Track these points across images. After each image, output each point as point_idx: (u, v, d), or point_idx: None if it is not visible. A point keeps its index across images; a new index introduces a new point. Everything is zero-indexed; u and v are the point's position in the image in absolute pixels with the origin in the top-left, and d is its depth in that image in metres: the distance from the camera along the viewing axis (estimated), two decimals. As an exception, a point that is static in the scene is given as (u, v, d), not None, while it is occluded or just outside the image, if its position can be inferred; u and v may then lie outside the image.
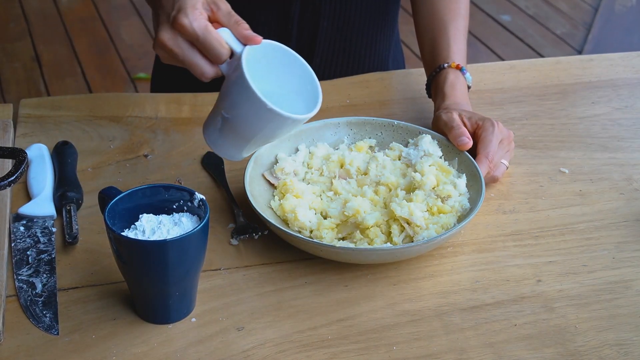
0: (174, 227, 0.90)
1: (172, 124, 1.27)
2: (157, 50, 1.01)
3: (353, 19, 1.40)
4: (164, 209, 0.93)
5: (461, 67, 1.24)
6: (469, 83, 1.25)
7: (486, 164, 1.11)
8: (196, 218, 0.92)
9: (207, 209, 0.91)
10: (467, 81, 1.25)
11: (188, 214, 0.93)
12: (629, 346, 0.91)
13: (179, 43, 0.98)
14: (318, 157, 1.14)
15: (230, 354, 0.89)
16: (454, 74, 1.23)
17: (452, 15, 1.29)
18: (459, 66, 1.24)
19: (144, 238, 0.89)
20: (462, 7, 1.31)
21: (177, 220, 0.92)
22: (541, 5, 4.24)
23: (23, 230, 1.04)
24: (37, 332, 0.91)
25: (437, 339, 0.91)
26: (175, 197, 0.94)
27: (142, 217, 0.91)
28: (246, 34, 0.98)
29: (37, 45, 3.71)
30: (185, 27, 0.96)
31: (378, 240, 1.01)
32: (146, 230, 0.90)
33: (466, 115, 1.16)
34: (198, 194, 0.92)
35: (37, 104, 1.31)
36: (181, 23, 0.96)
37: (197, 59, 0.99)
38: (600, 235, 1.07)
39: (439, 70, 1.25)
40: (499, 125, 1.15)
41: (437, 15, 1.30)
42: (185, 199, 0.93)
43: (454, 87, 1.22)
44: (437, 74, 1.25)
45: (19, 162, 0.95)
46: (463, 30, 1.30)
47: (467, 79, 1.25)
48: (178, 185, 0.94)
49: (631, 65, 1.47)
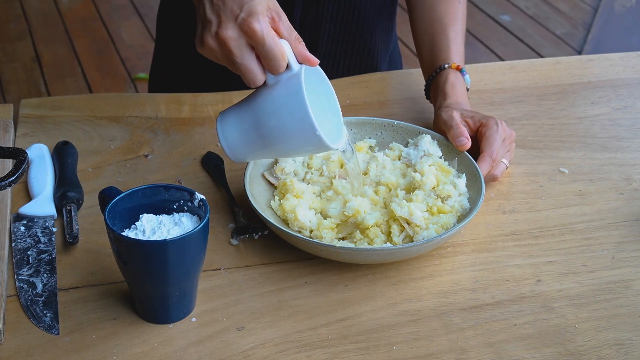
0: (174, 227, 0.91)
1: (172, 124, 1.27)
2: (210, 47, 0.98)
3: (355, 20, 1.41)
4: (164, 209, 0.94)
5: (461, 68, 1.24)
6: (467, 85, 1.25)
7: (489, 162, 1.11)
8: (196, 218, 0.92)
9: (207, 209, 0.91)
10: (467, 83, 1.25)
11: (188, 214, 0.93)
12: (628, 346, 0.91)
13: (241, 45, 0.96)
14: (318, 157, 1.14)
15: (230, 353, 0.89)
16: (454, 75, 1.24)
17: (451, 18, 1.29)
18: (459, 67, 1.24)
19: (144, 238, 0.89)
20: (461, 11, 1.31)
21: (177, 220, 0.92)
22: (541, 6, 4.24)
23: (23, 230, 1.04)
24: (37, 332, 0.91)
25: (437, 339, 0.91)
26: (175, 197, 0.94)
27: (143, 217, 0.92)
28: (305, 54, 0.98)
29: (38, 46, 3.71)
30: (256, 32, 0.95)
31: (378, 240, 1.01)
32: (146, 230, 0.90)
33: (468, 114, 1.16)
34: (198, 194, 0.92)
35: (37, 104, 1.31)
36: (253, 27, 0.94)
37: (253, 65, 0.97)
38: (599, 235, 1.07)
39: (439, 71, 1.25)
40: (503, 124, 1.15)
41: (436, 18, 1.30)
42: (186, 199, 0.93)
43: (455, 87, 1.22)
44: (438, 74, 1.25)
45: (20, 162, 0.95)
46: (461, 33, 1.30)
47: (466, 81, 1.25)
48: (178, 185, 0.94)
49: (631, 65, 1.47)
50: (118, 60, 3.62)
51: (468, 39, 1.35)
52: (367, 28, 1.43)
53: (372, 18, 1.42)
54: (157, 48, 1.54)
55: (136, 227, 0.91)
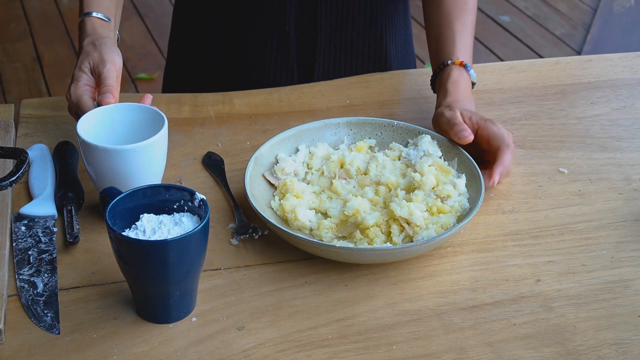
0: (174, 227, 0.91)
1: (172, 124, 1.27)
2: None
3: (352, 18, 1.40)
4: (164, 209, 0.94)
5: (465, 64, 1.24)
6: (473, 80, 1.25)
7: (500, 173, 1.10)
8: (197, 218, 0.93)
9: (207, 209, 0.91)
10: (472, 78, 1.25)
11: (189, 213, 0.93)
12: (627, 345, 0.91)
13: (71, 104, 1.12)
14: (318, 157, 1.14)
15: (231, 353, 0.89)
16: (457, 71, 1.23)
17: (459, 11, 1.28)
18: (462, 63, 1.24)
19: (145, 238, 0.89)
20: (470, 2, 1.30)
21: (177, 220, 0.92)
22: (540, 6, 4.25)
23: (24, 230, 1.04)
24: (38, 332, 0.91)
25: (437, 339, 0.91)
26: (175, 197, 0.94)
27: (143, 217, 0.92)
28: (98, 99, 1.10)
29: (38, 46, 3.71)
30: (68, 98, 1.12)
31: (378, 240, 1.01)
32: (147, 230, 0.90)
33: (467, 114, 1.16)
34: (199, 194, 0.92)
35: (38, 104, 1.31)
36: (67, 94, 1.12)
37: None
38: (599, 235, 1.08)
39: (443, 67, 1.25)
40: (510, 136, 1.13)
41: (444, 11, 1.29)
42: (186, 199, 0.93)
43: (457, 84, 1.22)
44: (441, 70, 1.25)
45: (21, 162, 0.96)
46: (470, 25, 1.29)
47: (472, 76, 1.24)
48: (178, 185, 0.95)
49: (630, 65, 1.48)
50: (118, 61, 3.62)
51: (468, 39, 1.34)
52: (368, 26, 1.42)
53: (371, 16, 1.42)
54: (171, 48, 1.55)
55: (137, 227, 0.91)
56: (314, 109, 1.32)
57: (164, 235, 0.90)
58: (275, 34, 1.39)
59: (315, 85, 1.38)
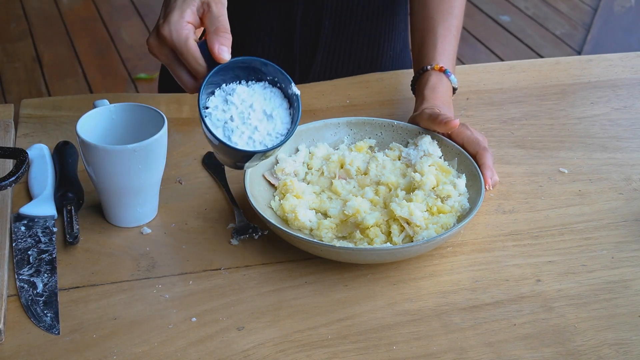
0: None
1: (172, 124, 1.27)
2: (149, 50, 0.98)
3: (355, 18, 1.40)
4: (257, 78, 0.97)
5: (445, 69, 1.22)
6: (454, 85, 1.23)
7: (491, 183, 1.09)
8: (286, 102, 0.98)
9: (299, 105, 0.97)
10: (453, 83, 1.23)
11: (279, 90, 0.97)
12: (627, 345, 0.91)
13: (164, 52, 0.95)
14: (318, 157, 1.14)
15: (230, 353, 0.89)
16: (436, 77, 1.22)
17: (443, 15, 1.27)
18: (442, 68, 1.22)
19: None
20: (456, 6, 1.29)
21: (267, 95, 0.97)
22: (540, 6, 4.25)
23: (24, 230, 1.04)
24: (38, 332, 0.91)
25: (437, 339, 0.91)
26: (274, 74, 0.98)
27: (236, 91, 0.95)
28: (214, 52, 0.93)
29: (38, 46, 3.71)
30: (166, 38, 0.94)
31: (378, 240, 1.01)
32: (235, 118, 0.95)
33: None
34: (295, 87, 0.97)
35: (38, 104, 1.31)
36: (163, 33, 0.94)
37: (180, 72, 0.96)
38: (599, 235, 1.08)
39: (422, 72, 1.24)
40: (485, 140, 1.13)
41: (428, 15, 1.28)
42: (284, 83, 0.97)
43: (435, 90, 1.20)
44: (420, 75, 1.24)
45: (20, 162, 0.96)
46: (455, 30, 1.27)
47: (452, 81, 1.23)
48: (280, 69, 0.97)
49: (630, 65, 1.48)
50: (118, 61, 3.63)
51: (468, 39, 1.34)
52: (369, 27, 1.42)
53: (374, 16, 1.42)
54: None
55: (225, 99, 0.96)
56: (313, 109, 1.32)
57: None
58: (278, 32, 1.39)
59: (315, 85, 1.38)
